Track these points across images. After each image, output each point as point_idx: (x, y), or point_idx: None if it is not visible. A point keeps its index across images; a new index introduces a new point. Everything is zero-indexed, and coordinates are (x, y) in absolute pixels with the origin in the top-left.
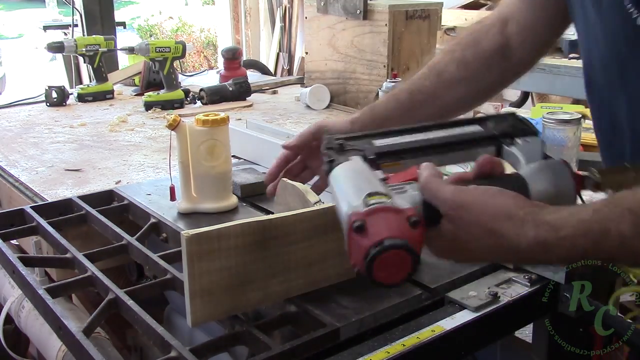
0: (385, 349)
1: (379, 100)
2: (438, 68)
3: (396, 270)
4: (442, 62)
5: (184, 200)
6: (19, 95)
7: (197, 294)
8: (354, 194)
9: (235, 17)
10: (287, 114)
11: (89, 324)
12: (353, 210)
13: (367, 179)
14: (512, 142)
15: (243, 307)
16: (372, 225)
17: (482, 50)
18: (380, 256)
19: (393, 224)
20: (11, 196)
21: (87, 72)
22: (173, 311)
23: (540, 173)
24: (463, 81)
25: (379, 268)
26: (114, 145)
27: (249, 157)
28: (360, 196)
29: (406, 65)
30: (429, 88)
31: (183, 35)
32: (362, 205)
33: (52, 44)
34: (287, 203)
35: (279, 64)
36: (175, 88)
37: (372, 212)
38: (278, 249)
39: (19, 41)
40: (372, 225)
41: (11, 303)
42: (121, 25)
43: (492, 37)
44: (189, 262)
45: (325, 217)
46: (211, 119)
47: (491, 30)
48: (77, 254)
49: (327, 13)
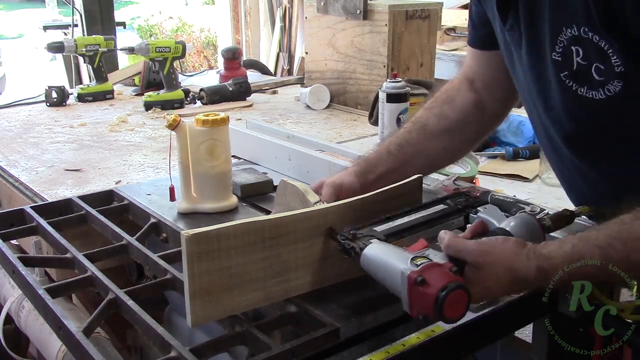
0: (385, 349)
1: (371, 152)
2: (421, 122)
3: (459, 306)
4: (423, 116)
5: (184, 200)
6: (19, 95)
7: (197, 294)
8: (398, 261)
9: (235, 17)
10: (287, 114)
11: (89, 324)
12: (409, 271)
13: (398, 251)
14: (476, 211)
15: (243, 307)
16: (430, 278)
17: (458, 106)
18: (447, 298)
19: (444, 274)
20: (11, 196)
21: (87, 72)
22: (173, 311)
23: (517, 226)
24: (446, 133)
25: (448, 307)
26: (114, 145)
27: (249, 157)
28: (406, 261)
29: (406, 65)
30: (416, 140)
31: (183, 35)
32: (412, 266)
33: (52, 44)
34: (287, 203)
35: (279, 64)
36: (175, 88)
37: (425, 268)
38: (278, 249)
39: (19, 41)
40: (430, 277)
41: (11, 303)
42: (121, 25)
43: (464, 94)
44: (189, 262)
45: (325, 217)
46: (211, 119)
47: (462, 88)
48: (77, 254)
49: (327, 13)
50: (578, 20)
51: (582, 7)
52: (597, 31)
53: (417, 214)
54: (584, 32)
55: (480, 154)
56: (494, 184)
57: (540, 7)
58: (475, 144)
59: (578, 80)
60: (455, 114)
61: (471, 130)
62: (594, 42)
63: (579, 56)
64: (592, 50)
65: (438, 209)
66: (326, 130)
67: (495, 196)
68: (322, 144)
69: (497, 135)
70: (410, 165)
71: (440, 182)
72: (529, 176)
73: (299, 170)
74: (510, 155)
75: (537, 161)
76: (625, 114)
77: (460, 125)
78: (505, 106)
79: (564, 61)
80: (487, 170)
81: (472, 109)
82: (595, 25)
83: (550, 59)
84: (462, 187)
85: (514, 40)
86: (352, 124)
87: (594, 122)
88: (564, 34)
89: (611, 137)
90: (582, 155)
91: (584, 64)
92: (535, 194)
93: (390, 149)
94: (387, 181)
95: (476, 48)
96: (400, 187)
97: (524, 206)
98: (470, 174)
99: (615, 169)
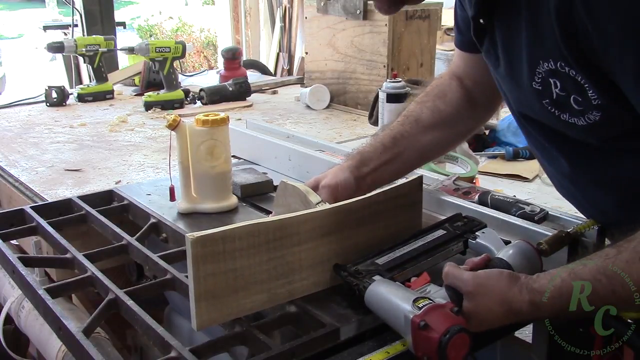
0: (385, 349)
1: (366, 145)
2: (415, 115)
3: (461, 348)
4: (416, 110)
5: (184, 200)
6: (19, 95)
7: (202, 297)
8: (401, 301)
9: (235, 17)
10: (287, 114)
11: (88, 324)
12: (412, 314)
13: (401, 290)
14: (474, 237)
15: (248, 309)
16: (432, 322)
17: (450, 100)
18: (450, 342)
19: (445, 316)
20: (11, 196)
21: (87, 72)
22: (173, 311)
23: (515, 255)
24: (439, 126)
25: (451, 350)
26: (114, 145)
27: (249, 157)
28: (408, 302)
29: (406, 65)
30: (409, 133)
31: (183, 35)
32: (414, 309)
33: (52, 44)
34: (287, 204)
35: (279, 64)
36: (175, 88)
37: (427, 312)
38: (282, 251)
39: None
40: (432, 321)
41: (11, 303)
42: (121, 25)
43: (455, 89)
44: (194, 265)
45: (329, 218)
46: (211, 119)
47: (452, 84)
48: (77, 254)
49: (327, 13)
50: (554, 55)
51: (555, 44)
52: (572, 66)
53: (417, 241)
54: (560, 66)
55: (480, 154)
56: (494, 184)
57: (516, 42)
58: (465, 137)
59: (559, 107)
60: (447, 108)
61: (463, 124)
62: (570, 76)
63: (557, 88)
64: (569, 83)
65: (437, 235)
66: (326, 130)
67: (495, 196)
68: (322, 144)
69: (497, 135)
70: (403, 157)
71: (440, 182)
72: (529, 176)
73: (299, 170)
74: (510, 155)
75: (537, 161)
76: (608, 134)
77: (453, 119)
78: (495, 102)
79: (544, 90)
80: (487, 170)
81: (464, 103)
82: (569, 61)
83: (531, 88)
84: (462, 187)
85: (491, 62)
86: (352, 124)
87: (579, 138)
88: (541, 66)
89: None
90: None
91: (562, 94)
92: (535, 194)
93: (384, 142)
94: (382, 173)
95: (462, 50)
96: (400, 187)
97: (524, 206)
98: (470, 174)
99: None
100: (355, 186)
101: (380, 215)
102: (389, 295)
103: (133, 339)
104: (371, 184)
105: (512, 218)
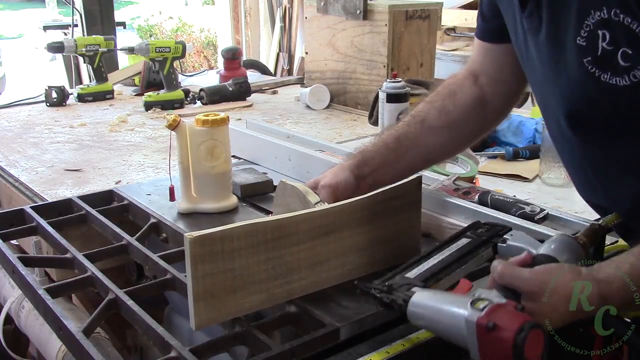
0: (385, 349)
1: (368, 144)
2: (421, 116)
3: (537, 346)
4: (424, 110)
5: (184, 200)
6: (19, 95)
7: (200, 297)
8: (457, 307)
9: (235, 17)
10: (287, 114)
11: (88, 324)
12: (476, 317)
13: (450, 296)
14: (504, 240)
15: (246, 309)
16: (501, 321)
17: (460, 101)
18: (527, 340)
19: (515, 314)
20: (11, 196)
21: (87, 72)
22: (173, 311)
23: (558, 249)
24: (445, 129)
25: (529, 348)
26: (114, 145)
27: (249, 157)
28: (465, 306)
29: (406, 65)
30: (414, 134)
31: (183, 35)
32: (476, 311)
33: (52, 44)
34: (286, 204)
35: (279, 64)
36: (175, 88)
37: (491, 312)
38: (280, 251)
39: (19, 41)
40: (501, 321)
41: (11, 303)
42: (121, 25)
43: (467, 89)
44: (193, 265)
45: (327, 218)
46: (211, 119)
47: (465, 83)
48: (77, 254)
49: (327, 13)
50: (609, 2)
51: None
52: (630, 12)
53: (443, 252)
54: (614, 14)
55: (480, 154)
56: (494, 184)
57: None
58: (472, 141)
59: (601, 66)
60: (456, 109)
61: (470, 128)
62: (624, 25)
63: (605, 41)
64: (621, 33)
65: (462, 243)
66: (326, 130)
67: (495, 196)
68: (322, 144)
69: (497, 135)
70: (406, 158)
71: (440, 182)
72: (529, 176)
73: (298, 170)
74: (510, 155)
75: (537, 161)
76: None
77: (460, 121)
78: (508, 104)
79: (588, 46)
80: (487, 170)
81: (474, 104)
82: (629, 5)
83: (573, 45)
84: (462, 187)
85: (532, 27)
86: (352, 124)
87: (615, 109)
88: (591, 17)
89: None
90: (598, 144)
91: (609, 48)
92: (535, 194)
93: (387, 142)
94: (383, 174)
95: (485, 40)
96: (400, 187)
97: (524, 206)
98: (470, 174)
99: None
100: (355, 186)
101: (380, 215)
102: (438, 303)
103: (133, 339)
104: (372, 184)
105: (512, 218)
